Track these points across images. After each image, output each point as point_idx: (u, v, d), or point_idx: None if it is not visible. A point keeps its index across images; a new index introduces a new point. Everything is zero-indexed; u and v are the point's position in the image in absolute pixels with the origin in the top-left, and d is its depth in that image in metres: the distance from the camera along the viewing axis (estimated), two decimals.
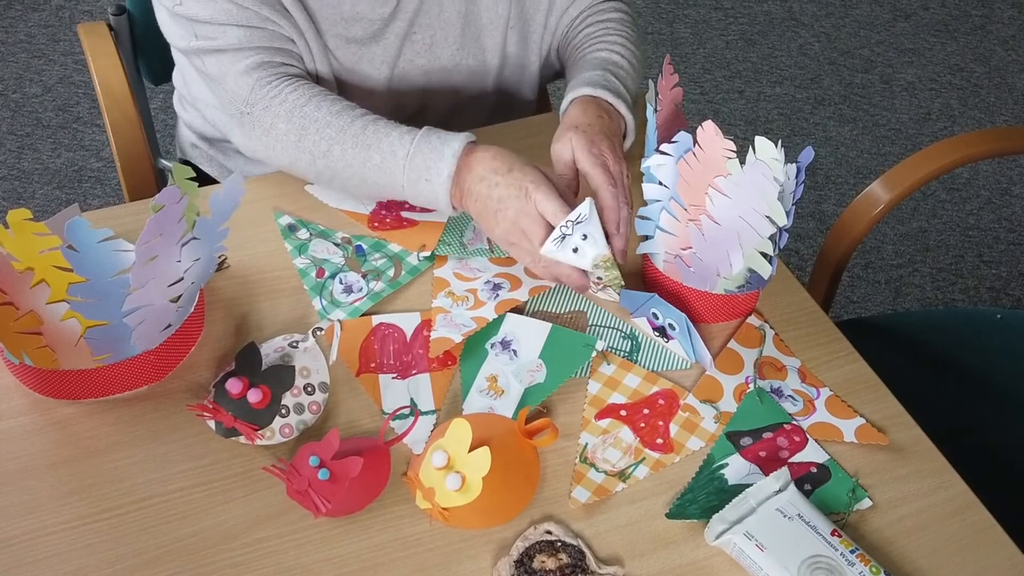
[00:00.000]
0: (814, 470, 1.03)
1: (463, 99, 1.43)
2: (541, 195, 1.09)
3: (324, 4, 1.25)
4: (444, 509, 0.95)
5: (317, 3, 1.25)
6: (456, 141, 1.14)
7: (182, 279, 1.01)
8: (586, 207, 1.06)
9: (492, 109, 1.47)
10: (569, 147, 1.16)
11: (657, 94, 1.16)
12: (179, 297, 1.03)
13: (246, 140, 1.24)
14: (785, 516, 0.96)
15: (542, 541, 0.96)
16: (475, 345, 1.12)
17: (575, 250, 1.08)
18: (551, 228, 1.08)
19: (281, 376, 1.04)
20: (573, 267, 1.10)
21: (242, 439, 1.01)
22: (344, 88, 1.33)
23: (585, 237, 1.07)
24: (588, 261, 1.08)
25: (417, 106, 1.41)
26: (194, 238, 1.00)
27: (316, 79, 1.30)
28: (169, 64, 1.46)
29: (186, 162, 1.54)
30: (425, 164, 1.14)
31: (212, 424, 1.02)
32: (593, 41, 1.37)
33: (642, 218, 1.16)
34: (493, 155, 1.13)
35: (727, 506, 0.97)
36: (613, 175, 1.13)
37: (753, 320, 1.17)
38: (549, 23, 1.41)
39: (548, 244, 1.08)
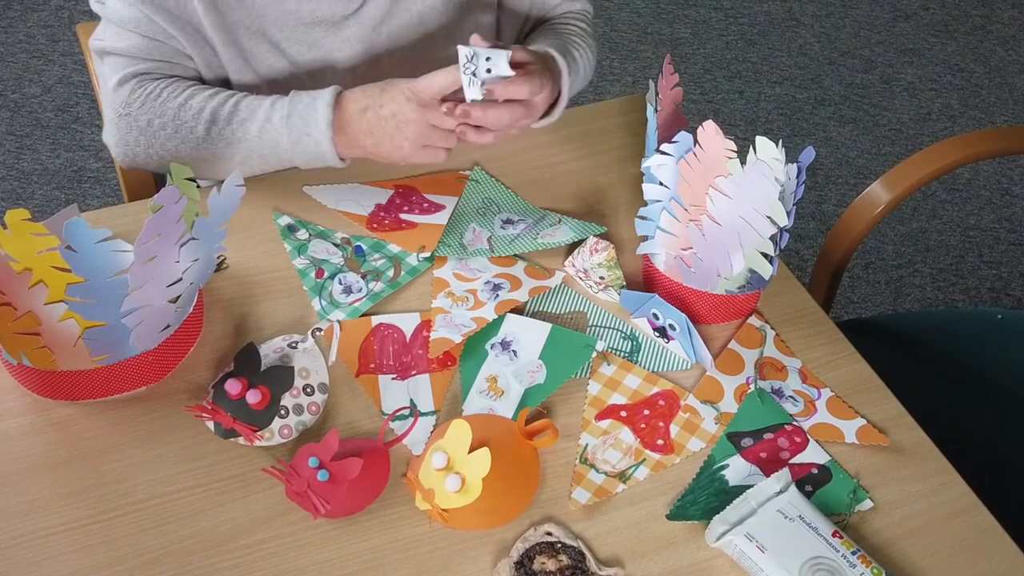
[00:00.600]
0: (815, 471, 1.03)
1: None
2: (421, 81, 1.14)
3: (281, 11, 1.25)
4: (444, 510, 0.95)
5: (271, 9, 1.25)
6: (326, 92, 1.18)
7: (181, 279, 1.01)
8: (464, 49, 1.11)
9: None
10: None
11: (657, 94, 1.15)
12: (178, 298, 1.02)
13: (124, 143, 1.25)
14: (786, 517, 0.95)
15: (542, 542, 0.96)
16: (475, 346, 1.12)
17: (489, 71, 1.12)
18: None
19: (280, 377, 1.04)
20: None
21: (241, 440, 1.01)
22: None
23: (488, 58, 1.11)
24: (505, 62, 1.11)
25: None
26: (193, 238, 0.99)
27: (229, 86, 1.31)
28: None
29: None
30: (303, 119, 1.17)
31: (211, 425, 1.02)
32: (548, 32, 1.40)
33: (642, 218, 1.16)
34: (362, 89, 1.18)
35: (728, 507, 0.97)
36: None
37: (754, 320, 1.17)
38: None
39: (468, 91, 1.12)
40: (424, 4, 1.31)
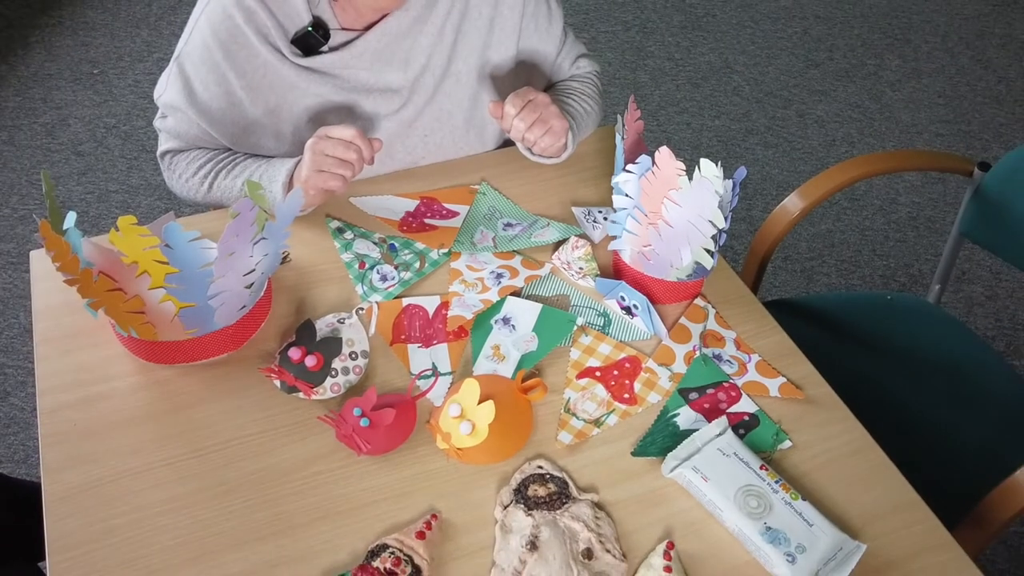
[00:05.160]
0: (747, 418, 1.02)
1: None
2: (325, 129, 1.11)
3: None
4: (459, 449, 0.95)
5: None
6: (291, 162, 1.17)
7: (254, 270, 1.00)
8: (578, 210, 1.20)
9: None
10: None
11: (623, 126, 1.14)
12: (252, 284, 1.02)
13: (175, 193, 1.31)
14: (724, 454, 0.95)
15: (535, 474, 0.95)
16: (482, 321, 1.11)
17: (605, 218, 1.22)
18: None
19: (331, 345, 1.03)
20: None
21: (301, 395, 1.00)
22: None
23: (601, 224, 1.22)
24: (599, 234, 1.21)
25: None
26: (263, 238, 0.98)
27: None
28: None
29: None
30: (269, 180, 1.18)
31: (277, 383, 1.01)
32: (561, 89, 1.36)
33: (613, 222, 1.15)
34: None
35: (679, 446, 0.96)
36: (528, 98, 1.18)
37: (699, 301, 1.16)
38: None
39: (594, 234, 1.20)
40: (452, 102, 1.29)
